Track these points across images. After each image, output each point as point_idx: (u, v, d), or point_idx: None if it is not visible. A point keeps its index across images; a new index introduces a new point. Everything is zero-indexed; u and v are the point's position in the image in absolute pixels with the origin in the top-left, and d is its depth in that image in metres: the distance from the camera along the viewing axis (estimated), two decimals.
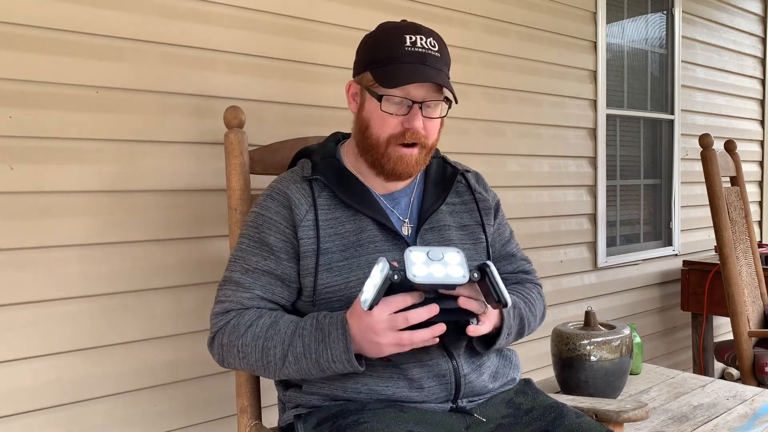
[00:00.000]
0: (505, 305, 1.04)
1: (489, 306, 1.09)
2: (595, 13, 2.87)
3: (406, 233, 1.27)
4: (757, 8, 3.95)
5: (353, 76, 1.29)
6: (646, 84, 3.31)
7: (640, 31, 3.27)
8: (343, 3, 1.97)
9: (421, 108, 1.20)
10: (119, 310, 1.59)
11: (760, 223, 4.06)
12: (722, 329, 3.63)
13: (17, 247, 1.45)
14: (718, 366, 3.55)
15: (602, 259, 2.97)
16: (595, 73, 2.89)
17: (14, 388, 1.46)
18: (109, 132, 1.56)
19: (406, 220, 1.28)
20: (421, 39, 1.21)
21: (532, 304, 1.34)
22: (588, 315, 2.07)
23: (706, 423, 1.79)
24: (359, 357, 1.11)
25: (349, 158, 1.31)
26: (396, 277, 1.00)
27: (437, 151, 1.37)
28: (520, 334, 1.30)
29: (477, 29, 2.39)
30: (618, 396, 2.03)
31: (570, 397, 1.50)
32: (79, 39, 1.51)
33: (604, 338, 1.95)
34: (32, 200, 1.46)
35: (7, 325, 1.44)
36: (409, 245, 1.21)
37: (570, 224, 2.81)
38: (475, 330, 1.10)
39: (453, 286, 1.04)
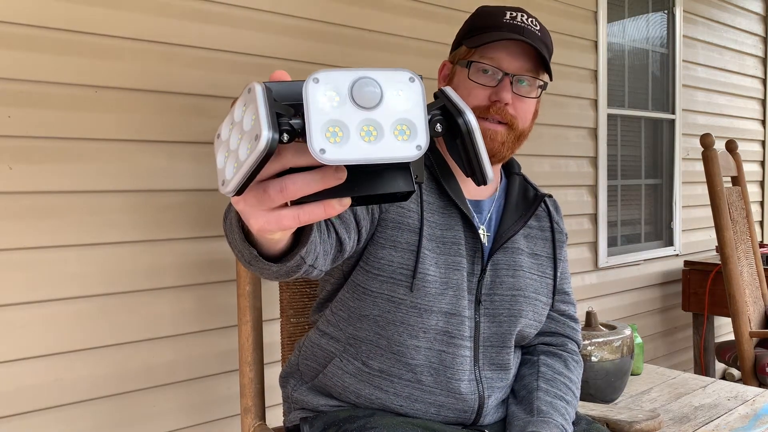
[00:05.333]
0: (483, 182, 0.53)
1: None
2: (595, 13, 2.86)
3: (483, 241, 1.18)
4: (759, 8, 3.94)
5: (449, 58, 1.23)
6: (647, 83, 3.31)
7: (641, 30, 3.27)
8: (342, 3, 1.97)
9: (512, 83, 1.12)
10: (119, 310, 1.59)
11: (761, 223, 4.05)
12: (723, 329, 3.63)
13: (17, 247, 1.45)
14: (719, 366, 3.54)
15: (603, 260, 2.97)
16: (595, 72, 2.89)
17: (14, 388, 1.46)
18: (108, 132, 1.56)
19: (483, 226, 1.19)
20: (522, 16, 1.14)
21: (574, 407, 1.22)
22: (589, 315, 2.07)
23: (707, 423, 1.79)
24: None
25: (439, 144, 1.21)
26: (284, 140, 0.47)
27: (519, 166, 1.30)
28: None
29: None
30: (619, 396, 2.02)
31: (580, 403, 1.49)
32: (78, 39, 1.50)
33: (605, 339, 1.94)
34: (32, 200, 1.46)
35: (7, 325, 1.44)
36: (484, 257, 1.15)
37: (571, 224, 2.81)
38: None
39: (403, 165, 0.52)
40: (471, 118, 0.49)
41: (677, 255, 3.44)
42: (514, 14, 1.15)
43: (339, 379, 1.16)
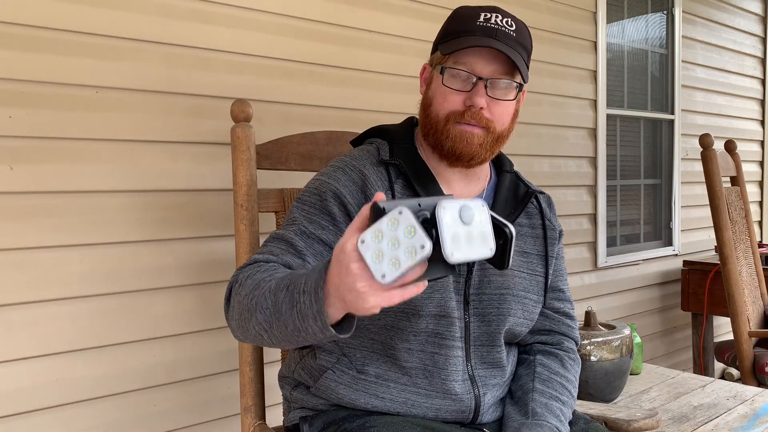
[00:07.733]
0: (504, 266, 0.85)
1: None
2: (595, 13, 2.87)
3: None
4: (758, 8, 3.95)
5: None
6: (646, 84, 3.31)
7: (640, 30, 3.27)
8: (341, 2, 1.97)
9: (486, 87, 1.11)
10: (119, 310, 1.59)
11: (760, 223, 4.06)
12: (722, 329, 3.63)
13: (17, 247, 1.45)
14: (719, 366, 3.55)
15: (602, 259, 2.97)
16: (595, 72, 2.89)
17: (14, 389, 1.46)
18: (109, 132, 1.56)
19: None
20: (497, 17, 1.13)
21: (570, 406, 1.21)
22: (588, 315, 2.07)
23: (706, 423, 1.79)
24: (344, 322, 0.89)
25: (420, 147, 1.22)
26: (433, 253, 0.72)
27: (511, 164, 1.30)
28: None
29: None
30: (618, 396, 2.02)
31: (578, 401, 1.50)
32: (79, 39, 1.51)
33: (604, 338, 1.95)
34: (32, 200, 1.46)
35: (7, 325, 1.44)
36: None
37: (570, 224, 2.81)
38: None
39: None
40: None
41: (676, 255, 3.44)
42: (488, 15, 1.13)
43: (333, 391, 1.16)
